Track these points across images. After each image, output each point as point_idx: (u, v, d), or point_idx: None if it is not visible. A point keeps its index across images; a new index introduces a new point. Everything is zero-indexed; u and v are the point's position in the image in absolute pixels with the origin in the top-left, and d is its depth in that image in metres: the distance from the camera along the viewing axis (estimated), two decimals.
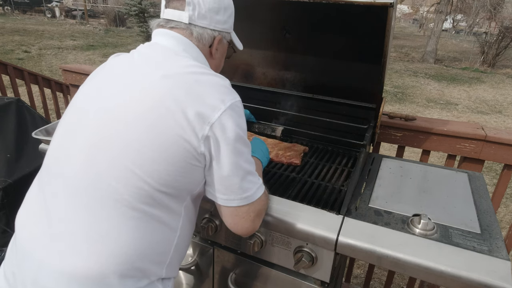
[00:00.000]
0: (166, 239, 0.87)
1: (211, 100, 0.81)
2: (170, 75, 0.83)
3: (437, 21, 14.76)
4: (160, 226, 0.84)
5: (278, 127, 1.76)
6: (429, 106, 8.30)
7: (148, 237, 0.82)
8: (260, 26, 1.72)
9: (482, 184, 1.38)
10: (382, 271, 2.70)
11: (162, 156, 0.79)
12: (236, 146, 0.83)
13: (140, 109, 0.80)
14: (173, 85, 0.81)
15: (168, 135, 0.78)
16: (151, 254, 0.84)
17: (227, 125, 0.81)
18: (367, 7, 1.22)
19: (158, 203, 0.82)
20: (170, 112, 0.78)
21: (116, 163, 0.79)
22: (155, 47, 0.94)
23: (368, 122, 1.56)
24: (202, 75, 0.86)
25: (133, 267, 0.81)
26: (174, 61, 0.88)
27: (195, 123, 0.79)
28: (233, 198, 0.88)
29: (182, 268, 1.40)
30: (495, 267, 0.95)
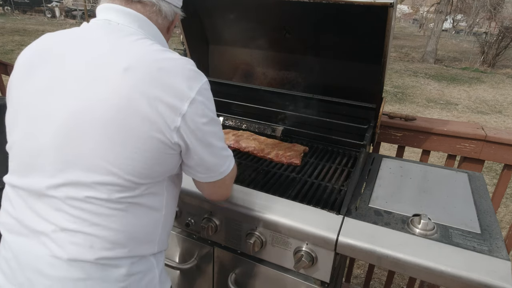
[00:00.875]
0: (153, 220, 0.91)
1: (179, 89, 0.79)
2: (133, 67, 0.77)
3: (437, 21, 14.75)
4: (146, 210, 0.87)
5: (278, 127, 1.76)
6: (429, 106, 8.30)
7: (136, 223, 0.86)
8: (260, 26, 1.72)
9: (482, 184, 1.38)
10: (382, 271, 2.70)
11: (138, 153, 0.79)
12: (209, 129, 0.85)
13: (108, 110, 0.76)
14: (138, 79, 0.77)
15: (140, 132, 0.78)
16: (141, 237, 0.88)
17: (198, 112, 0.81)
18: (367, 7, 1.22)
19: (139, 193, 0.84)
20: (139, 109, 0.77)
21: (92, 165, 0.79)
22: (108, 27, 0.86)
23: (368, 122, 1.56)
24: (164, 60, 0.81)
25: (125, 250, 0.85)
26: (133, 46, 0.82)
27: (166, 115, 0.78)
28: (211, 175, 0.93)
29: (182, 268, 1.40)
30: (495, 267, 0.95)
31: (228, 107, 1.90)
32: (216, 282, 1.43)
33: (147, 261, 0.92)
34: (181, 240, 1.43)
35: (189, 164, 0.90)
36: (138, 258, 0.89)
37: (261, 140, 1.65)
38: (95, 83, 0.78)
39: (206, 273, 1.43)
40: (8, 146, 0.89)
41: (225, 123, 1.88)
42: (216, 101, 0.85)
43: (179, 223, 1.37)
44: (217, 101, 2.02)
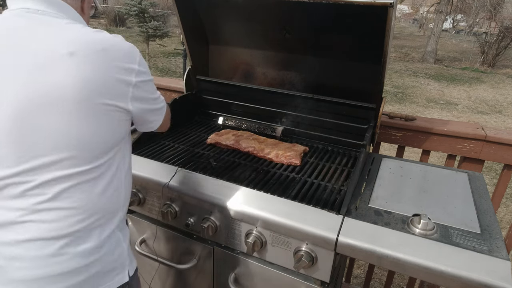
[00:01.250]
0: (117, 186, 0.97)
1: (125, 64, 0.88)
2: (78, 50, 0.81)
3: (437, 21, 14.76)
4: (109, 181, 0.94)
5: (278, 127, 1.76)
6: (429, 106, 8.30)
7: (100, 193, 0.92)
8: (260, 26, 1.72)
9: (482, 184, 1.38)
10: (382, 271, 2.70)
11: (100, 127, 0.87)
12: (150, 89, 0.98)
13: (65, 91, 0.80)
14: (86, 61, 0.82)
15: (100, 107, 0.85)
16: (107, 206, 0.95)
17: (142, 79, 0.92)
18: (367, 7, 1.22)
19: (101, 165, 0.90)
20: (96, 87, 0.82)
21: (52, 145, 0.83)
22: (30, 15, 0.86)
23: (368, 122, 1.56)
24: (104, 40, 0.86)
25: (94, 222, 0.92)
26: (68, 30, 0.85)
27: (121, 89, 0.87)
28: (161, 116, 1.08)
29: (182, 268, 1.40)
30: (495, 267, 0.95)
31: (228, 107, 1.90)
32: (216, 282, 1.43)
33: (114, 234, 0.99)
34: (181, 240, 1.43)
35: (142, 121, 1.02)
36: (106, 231, 0.95)
37: (261, 140, 1.65)
38: (44, 69, 0.80)
39: (206, 273, 1.43)
40: None
41: (225, 123, 1.88)
42: (216, 101, 0.87)
43: (179, 223, 1.37)
44: (217, 101, 2.03)
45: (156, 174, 1.35)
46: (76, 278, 0.89)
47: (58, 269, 0.87)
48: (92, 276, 0.92)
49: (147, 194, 1.42)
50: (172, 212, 1.34)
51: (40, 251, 0.85)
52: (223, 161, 1.50)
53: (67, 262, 0.87)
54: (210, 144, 1.65)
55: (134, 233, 1.58)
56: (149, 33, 10.91)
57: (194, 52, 1.86)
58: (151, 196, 1.41)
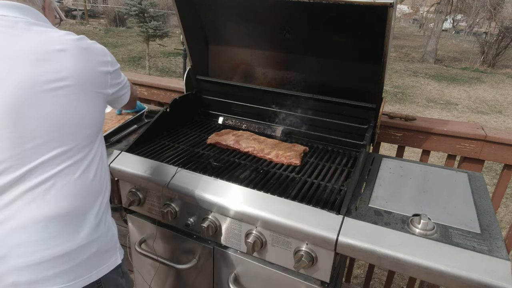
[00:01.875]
0: (105, 167, 1.09)
1: (101, 58, 1.01)
2: (66, 48, 0.92)
3: (437, 21, 14.76)
4: (99, 161, 1.05)
5: (278, 127, 1.75)
6: (429, 106, 8.30)
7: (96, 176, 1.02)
8: (260, 26, 1.72)
9: (482, 184, 1.38)
10: (382, 271, 2.70)
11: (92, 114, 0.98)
12: (120, 74, 1.12)
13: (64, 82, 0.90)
14: (76, 57, 0.93)
15: (92, 97, 0.97)
16: (99, 186, 1.04)
17: (114, 68, 1.06)
18: (367, 7, 1.22)
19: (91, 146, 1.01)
20: (87, 81, 0.95)
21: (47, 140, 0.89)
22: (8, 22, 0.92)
23: (368, 122, 1.56)
24: (82, 41, 0.97)
25: (89, 203, 1.00)
26: (50, 34, 0.93)
27: (104, 79, 1.01)
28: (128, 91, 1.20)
29: (182, 268, 1.40)
30: (495, 267, 0.95)
31: (228, 107, 1.90)
32: (216, 282, 1.43)
33: (106, 218, 1.07)
34: (181, 240, 1.43)
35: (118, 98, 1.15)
36: (100, 215, 1.03)
37: (261, 140, 1.65)
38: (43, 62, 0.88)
39: (206, 273, 1.43)
40: None
41: (225, 123, 1.88)
42: (216, 101, 0.88)
43: (179, 223, 1.37)
44: (217, 101, 2.03)
45: (156, 174, 1.35)
46: (80, 257, 0.95)
47: (62, 250, 0.92)
48: (93, 255, 0.98)
49: (147, 194, 1.42)
50: (172, 212, 1.34)
51: (43, 233, 0.90)
52: (223, 161, 1.50)
53: (70, 242, 0.93)
54: (210, 144, 1.65)
55: (134, 233, 1.58)
56: (149, 33, 10.90)
57: (194, 52, 1.86)
58: (151, 196, 1.41)
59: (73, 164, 0.95)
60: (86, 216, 0.98)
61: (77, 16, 20.83)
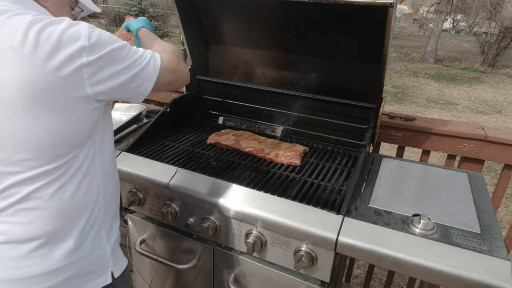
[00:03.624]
0: (92, 184, 0.93)
1: (69, 49, 0.78)
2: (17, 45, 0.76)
3: (437, 21, 14.76)
4: (81, 179, 0.90)
5: (278, 127, 1.75)
6: (429, 106, 8.30)
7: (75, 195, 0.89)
8: (260, 26, 1.72)
9: (482, 184, 1.38)
10: (382, 271, 2.70)
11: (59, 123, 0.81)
12: (115, 61, 0.85)
13: (17, 94, 0.76)
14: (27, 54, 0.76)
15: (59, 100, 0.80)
16: (82, 205, 0.91)
17: (97, 57, 0.82)
18: (367, 7, 1.22)
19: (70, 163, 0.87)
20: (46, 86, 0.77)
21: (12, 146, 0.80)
22: None
23: (368, 122, 1.56)
24: (45, 28, 0.78)
25: (69, 224, 0.89)
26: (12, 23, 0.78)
27: (72, 79, 0.79)
28: (146, 80, 0.92)
29: (182, 268, 1.40)
30: (495, 267, 0.95)
31: (228, 107, 1.90)
32: (216, 282, 1.43)
33: (96, 235, 0.96)
34: (181, 240, 1.43)
35: (122, 94, 0.91)
36: (86, 232, 0.93)
37: (261, 140, 1.65)
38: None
39: (206, 273, 1.43)
40: None
41: (225, 123, 1.88)
42: (216, 101, 0.86)
43: (179, 223, 1.37)
44: (217, 101, 2.03)
45: (156, 174, 1.35)
46: (52, 280, 0.88)
47: (33, 271, 0.86)
48: (70, 278, 0.90)
49: (147, 194, 1.42)
50: (172, 212, 1.34)
51: (13, 252, 0.85)
52: (223, 161, 1.50)
53: (41, 264, 0.86)
54: (210, 144, 1.65)
55: (134, 233, 1.58)
56: None
57: (194, 52, 1.86)
58: (151, 196, 1.41)
59: (41, 187, 0.84)
60: (62, 239, 0.89)
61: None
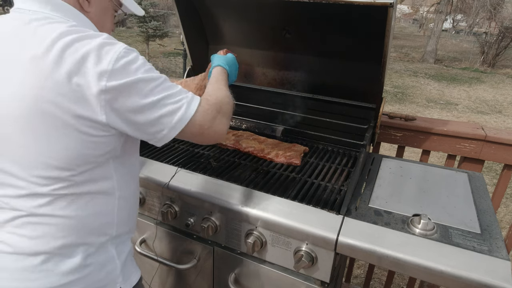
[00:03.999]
0: (106, 204, 0.90)
1: (92, 68, 0.73)
2: (39, 56, 0.73)
3: (437, 21, 14.76)
4: (96, 197, 0.87)
5: (278, 127, 1.75)
6: (429, 106, 8.29)
7: (88, 212, 0.86)
8: (260, 26, 1.72)
9: (482, 184, 1.38)
10: (382, 271, 2.70)
11: (70, 140, 0.77)
12: (138, 93, 0.79)
13: (24, 102, 0.74)
14: (47, 69, 0.73)
15: (65, 124, 0.76)
16: (95, 223, 0.88)
17: (119, 83, 0.75)
18: (367, 7, 1.22)
19: (83, 181, 0.83)
20: (53, 104, 0.74)
21: (26, 161, 0.79)
22: (20, 17, 0.81)
23: (368, 122, 1.56)
24: (73, 42, 0.74)
25: (81, 239, 0.86)
26: (42, 33, 0.76)
27: (86, 100, 0.74)
28: (169, 127, 0.84)
29: (182, 268, 1.40)
30: (495, 267, 0.95)
31: None
32: (216, 282, 1.43)
33: (106, 251, 0.92)
34: (181, 240, 1.43)
35: (137, 134, 0.84)
36: (94, 248, 0.89)
37: (261, 140, 1.65)
38: (8, 80, 0.76)
39: (206, 273, 1.43)
40: None
41: None
42: None
43: (179, 223, 1.37)
44: None
45: (156, 174, 1.35)
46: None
47: (39, 285, 0.84)
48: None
49: (147, 194, 1.42)
50: (172, 212, 1.34)
51: (21, 264, 0.83)
52: (223, 161, 1.50)
53: (46, 279, 0.84)
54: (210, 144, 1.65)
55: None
56: (149, 33, 10.91)
57: (194, 52, 1.86)
58: (151, 196, 1.41)
59: (49, 203, 0.81)
60: (69, 255, 0.86)
61: None
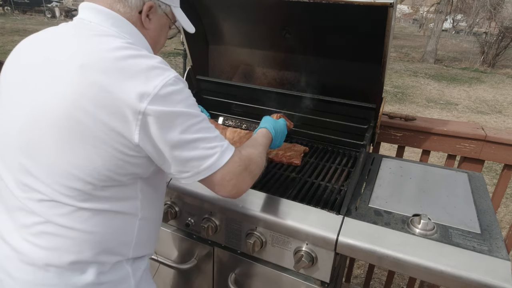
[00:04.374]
0: (126, 224, 0.88)
1: (136, 87, 0.74)
2: (89, 65, 0.74)
3: (437, 21, 14.76)
4: (116, 216, 0.85)
5: None
6: (429, 106, 8.29)
7: (106, 230, 0.84)
8: (260, 26, 1.72)
9: (482, 184, 1.38)
10: (382, 271, 2.70)
11: (96, 154, 0.76)
12: (175, 125, 0.78)
13: (64, 109, 0.74)
14: (93, 78, 0.74)
15: (96, 136, 0.75)
16: (112, 242, 0.86)
17: (159, 109, 0.75)
18: (367, 7, 1.22)
19: (106, 198, 0.81)
20: (89, 114, 0.74)
21: (50, 166, 0.78)
22: (80, 26, 0.85)
23: (368, 122, 1.56)
24: (126, 58, 0.76)
25: (94, 257, 0.83)
26: (96, 44, 0.78)
27: (123, 116, 0.74)
28: (194, 172, 0.83)
29: (182, 268, 1.40)
30: (495, 267, 0.95)
31: (228, 107, 1.90)
32: (216, 282, 1.43)
33: (121, 269, 0.89)
34: (181, 240, 1.43)
35: (165, 166, 0.83)
36: (109, 266, 0.86)
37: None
38: (52, 81, 0.77)
39: (206, 273, 1.43)
40: None
41: (225, 123, 1.88)
42: (216, 101, 0.85)
43: (179, 223, 1.37)
44: (217, 101, 2.03)
45: None
46: None
47: None
48: None
49: None
50: (172, 212, 1.34)
51: (30, 277, 0.81)
52: None
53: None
54: None
55: None
56: None
57: (194, 52, 1.86)
58: None
59: (68, 214, 0.80)
60: (82, 270, 0.83)
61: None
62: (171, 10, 0.95)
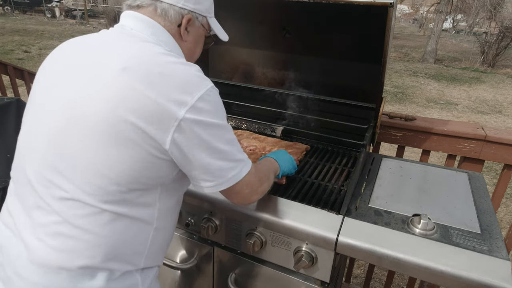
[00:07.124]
0: (141, 233, 0.88)
1: (176, 95, 0.76)
2: (131, 68, 0.77)
3: (437, 21, 14.75)
4: (132, 222, 0.85)
5: (278, 127, 1.75)
6: (429, 106, 8.29)
7: (121, 236, 0.84)
8: (260, 26, 1.72)
9: (482, 184, 1.38)
10: (382, 271, 2.70)
11: (128, 155, 0.77)
12: (207, 135, 0.80)
13: (99, 109, 0.76)
14: (134, 80, 0.76)
15: (130, 137, 0.76)
16: (123, 249, 0.85)
17: (195, 118, 0.77)
18: (367, 7, 1.22)
19: (127, 201, 0.82)
20: (129, 115, 0.75)
21: (77, 165, 0.78)
22: (121, 31, 0.88)
23: (368, 122, 1.56)
24: (167, 64, 0.79)
25: (105, 263, 0.83)
26: (138, 49, 0.82)
27: (159, 121, 0.76)
28: (217, 183, 0.86)
29: (182, 268, 1.40)
30: (495, 267, 0.95)
31: (228, 107, 1.90)
32: (216, 282, 1.43)
33: (131, 277, 0.88)
34: (181, 240, 1.43)
35: (190, 173, 0.85)
36: (119, 274, 0.86)
37: (261, 138, 1.65)
38: (92, 82, 0.78)
39: (206, 273, 1.43)
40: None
41: None
42: None
43: (179, 223, 1.37)
44: None
45: None
46: None
47: None
48: None
49: None
50: None
51: (42, 279, 0.80)
52: None
53: None
54: None
55: None
56: None
57: None
58: None
59: (87, 216, 0.79)
60: (92, 277, 0.82)
61: (77, 16, 20.84)
62: (207, 21, 0.99)
